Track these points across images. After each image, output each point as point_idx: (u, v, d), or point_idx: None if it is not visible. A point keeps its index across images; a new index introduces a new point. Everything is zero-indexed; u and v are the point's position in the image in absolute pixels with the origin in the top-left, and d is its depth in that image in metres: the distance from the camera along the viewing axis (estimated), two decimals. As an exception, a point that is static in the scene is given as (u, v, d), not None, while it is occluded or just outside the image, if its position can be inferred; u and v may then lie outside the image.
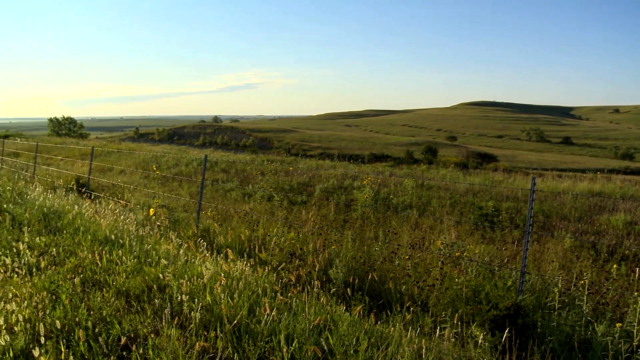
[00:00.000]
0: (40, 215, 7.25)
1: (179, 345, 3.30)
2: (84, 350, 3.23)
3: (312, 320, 3.73)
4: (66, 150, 29.10)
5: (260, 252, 5.74)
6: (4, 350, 3.14)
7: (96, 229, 6.51)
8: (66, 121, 71.85)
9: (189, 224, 7.86)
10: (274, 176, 16.81)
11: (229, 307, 3.88)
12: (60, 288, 4.28)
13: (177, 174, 18.39)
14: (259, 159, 24.24)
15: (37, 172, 15.13)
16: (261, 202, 11.94)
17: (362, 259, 5.77)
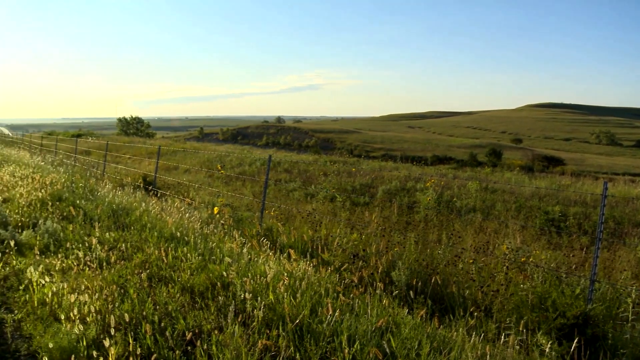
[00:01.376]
0: (110, 211, 8.11)
1: (242, 342, 3.62)
2: (151, 344, 3.67)
3: (374, 322, 3.94)
4: (134, 149, 31.66)
5: (322, 253, 6.09)
6: (78, 338, 3.68)
7: (162, 226, 7.17)
8: (134, 121, 78.01)
9: (253, 223, 8.38)
10: (336, 177, 17.76)
11: (292, 306, 4.18)
12: (129, 282, 4.85)
13: (240, 173, 19.54)
14: (322, 159, 25.16)
15: (107, 170, 16.59)
16: (324, 202, 12.71)
17: (424, 262, 5.96)
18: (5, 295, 4.81)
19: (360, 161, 26.12)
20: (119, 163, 21.57)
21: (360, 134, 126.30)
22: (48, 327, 4.01)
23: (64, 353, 3.54)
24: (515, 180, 18.87)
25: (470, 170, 26.19)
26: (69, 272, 5.25)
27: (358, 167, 19.99)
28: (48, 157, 20.16)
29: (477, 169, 27.07)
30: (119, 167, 18.16)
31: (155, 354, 3.46)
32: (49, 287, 4.58)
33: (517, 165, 39.97)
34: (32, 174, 12.15)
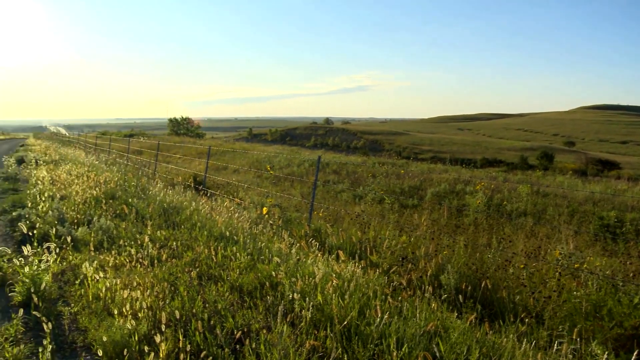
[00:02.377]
0: (161, 210, 8.40)
1: (290, 342, 3.69)
2: (200, 341, 3.79)
3: (423, 326, 3.93)
4: (184, 149, 32.63)
5: (371, 255, 6.16)
6: (130, 333, 3.85)
7: (212, 225, 7.38)
8: (184, 121, 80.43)
9: (301, 224, 8.50)
10: (385, 179, 17.99)
11: (340, 307, 4.22)
12: (179, 280, 5.03)
13: (289, 174, 19.92)
14: (370, 161, 25.36)
15: (158, 169, 17.20)
16: (372, 204, 12.86)
17: (474, 266, 5.92)
18: (63, 289, 5.08)
19: (409, 163, 26.32)
20: (169, 163, 22.30)
21: (409, 135, 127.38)
22: (102, 321, 4.21)
23: (116, 347, 3.71)
24: (568, 184, 18.51)
25: (520, 173, 26.41)
26: (121, 268, 5.49)
27: (407, 169, 20.13)
28: (102, 157, 21.07)
29: (528, 172, 27.23)
30: (169, 167, 18.77)
31: (204, 351, 3.57)
32: (102, 283, 4.81)
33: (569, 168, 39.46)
34: (87, 173, 12.77)
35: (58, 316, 4.46)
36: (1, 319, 4.38)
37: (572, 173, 27.40)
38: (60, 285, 5.16)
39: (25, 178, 14.81)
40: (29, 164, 18.08)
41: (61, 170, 14.33)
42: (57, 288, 5.04)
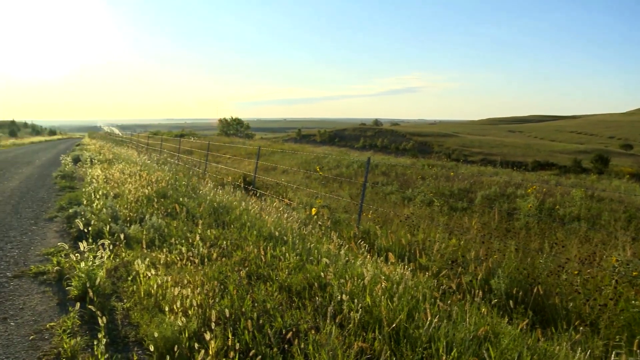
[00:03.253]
0: (211, 209, 8.61)
1: (338, 343, 3.74)
2: (249, 340, 3.87)
3: (473, 331, 3.90)
4: (233, 149, 33.26)
5: (420, 257, 6.19)
6: (181, 330, 3.98)
7: (261, 225, 7.50)
8: (234, 122, 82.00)
9: (350, 225, 8.55)
10: (434, 181, 18.03)
11: (388, 309, 4.24)
12: (228, 279, 5.14)
13: (337, 175, 20.10)
14: (419, 163, 25.29)
15: (208, 169, 17.64)
16: (421, 206, 12.87)
17: (525, 271, 5.83)
18: (116, 284, 5.30)
19: (459, 165, 26.19)
20: (219, 163, 22.81)
21: (459, 137, 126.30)
22: (153, 317, 4.36)
23: (167, 343, 3.84)
24: (625, 188, 18.06)
25: (574, 177, 26.02)
26: (172, 266, 5.66)
27: (456, 172, 20.14)
28: (153, 156, 21.79)
29: (582, 176, 26.92)
30: (219, 167, 19.19)
31: (253, 350, 3.65)
32: (154, 280, 4.98)
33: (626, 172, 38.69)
34: (140, 172, 13.23)
35: (111, 311, 4.65)
36: (59, 312, 4.61)
37: (629, 177, 26.97)
38: (113, 281, 5.37)
39: (81, 176, 15.51)
40: (85, 162, 18.91)
41: (115, 169, 14.91)
42: (110, 284, 5.25)
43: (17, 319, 4.45)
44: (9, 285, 5.28)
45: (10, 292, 5.09)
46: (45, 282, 5.41)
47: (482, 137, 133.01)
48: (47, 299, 4.95)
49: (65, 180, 14.48)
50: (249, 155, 27.88)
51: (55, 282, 5.41)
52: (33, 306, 4.75)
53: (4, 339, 4.04)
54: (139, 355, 3.85)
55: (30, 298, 4.95)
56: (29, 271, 5.72)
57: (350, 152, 40.97)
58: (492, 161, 41.90)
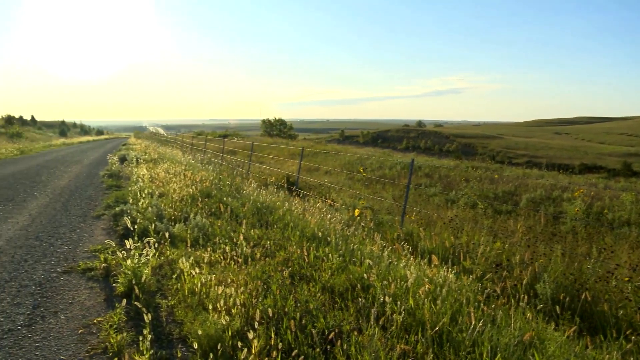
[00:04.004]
0: (254, 209, 8.72)
1: (381, 345, 3.74)
2: (291, 339, 3.90)
3: (518, 336, 3.83)
4: (276, 149, 33.58)
5: (464, 260, 6.13)
6: (224, 328, 4.06)
7: (304, 225, 7.55)
8: (277, 122, 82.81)
9: (393, 227, 8.53)
10: (478, 183, 17.91)
11: (431, 312, 4.22)
12: (271, 279, 5.19)
13: (380, 176, 20.16)
14: (463, 164, 25.02)
15: (251, 169, 17.90)
16: (464, 209, 12.85)
17: (572, 277, 5.69)
18: (161, 282, 5.44)
19: (503, 167, 25.97)
20: (262, 163, 23.09)
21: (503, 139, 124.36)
22: (197, 315, 4.45)
23: (210, 340, 3.91)
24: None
25: (623, 180, 25.40)
26: (216, 265, 5.77)
27: (500, 174, 20.00)
28: (197, 156, 22.22)
29: (632, 180, 26.27)
30: (262, 167, 19.42)
31: (295, 349, 3.68)
32: (198, 278, 5.08)
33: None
34: (184, 171, 13.53)
35: (156, 308, 4.78)
36: (106, 307, 4.77)
37: (683, 181, 25.74)
38: (158, 279, 5.51)
39: (127, 175, 15.97)
40: (131, 162, 19.48)
41: (160, 168, 15.31)
42: (155, 281, 5.39)
43: (67, 312, 4.63)
44: (59, 280, 5.51)
45: (61, 286, 5.30)
46: (92, 278, 5.60)
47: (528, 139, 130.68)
48: (95, 294, 5.12)
49: (111, 179, 14.97)
50: (291, 156, 28.11)
51: (102, 279, 5.59)
52: (81, 301, 4.93)
53: (56, 331, 4.22)
54: (182, 352, 3.94)
55: (79, 293, 5.14)
56: (78, 267, 5.95)
57: (393, 153, 40.88)
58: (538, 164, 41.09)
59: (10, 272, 5.73)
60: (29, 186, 13.23)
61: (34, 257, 6.34)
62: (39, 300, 4.91)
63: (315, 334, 3.92)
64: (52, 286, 5.30)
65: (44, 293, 5.10)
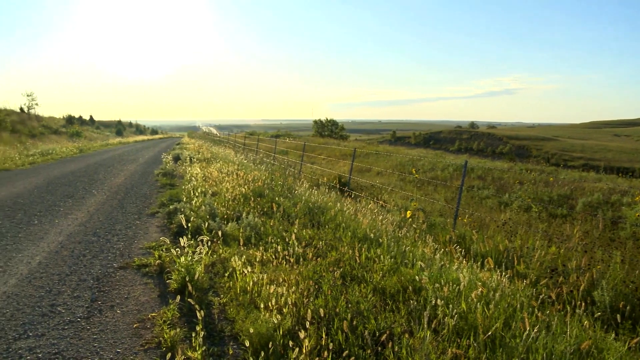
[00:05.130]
0: (306, 209, 8.80)
1: (432, 348, 3.71)
2: (342, 340, 3.92)
3: (574, 344, 3.72)
4: (328, 150, 33.69)
5: (518, 264, 6.04)
6: (275, 327, 4.11)
7: (356, 226, 7.54)
8: (329, 123, 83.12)
9: (445, 229, 8.45)
10: (532, 186, 17.59)
11: (484, 317, 4.16)
12: (323, 279, 5.22)
13: (432, 178, 20.09)
14: (517, 167, 24.69)
15: (303, 170, 18.10)
16: (518, 212, 12.67)
17: (633, 284, 5.47)
18: (213, 280, 5.55)
19: (558, 170, 25.45)
20: (314, 163, 23.23)
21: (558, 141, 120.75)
22: (249, 314, 4.52)
23: (262, 339, 3.96)
24: None
25: None
26: (268, 264, 5.84)
27: (556, 177, 19.65)
28: (250, 156, 22.58)
29: None
30: (314, 167, 19.55)
31: (346, 350, 3.69)
32: (250, 277, 5.17)
33: None
34: (237, 171, 13.78)
35: (208, 305, 4.88)
36: (160, 303, 4.92)
37: None
38: (210, 277, 5.63)
39: (180, 174, 16.40)
40: (184, 161, 19.99)
41: (213, 168, 15.64)
42: (208, 279, 5.51)
43: (123, 307, 4.80)
44: (115, 275, 5.72)
45: (117, 281, 5.50)
46: (147, 274, 5.79)
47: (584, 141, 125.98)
48: (149, 290, 5.29)
49: (166, 177, 15.41)
50: (343, 157, 28.17)
51: (157, 275, 5.77)
52: (136, 296, 5.10)
53: (112, 325, 4.39)
54: (234, 349, 4.02)
55: (134, 288, 5.32)
56: (133, 263, 6.15)
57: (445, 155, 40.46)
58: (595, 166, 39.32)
59: (70, 266, 6.00)
60: (87, 184, 13.82)
61: (91, 253, 6.61)
62: (97, 294, 5.11)
63: (365, 335, 3.92)
64: (109, 281, 5.51)
65: (101, 287, 5.30)
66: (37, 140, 35.73)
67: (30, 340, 4.03)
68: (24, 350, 3.86)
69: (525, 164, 30.48)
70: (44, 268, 5.88)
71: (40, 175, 15.86)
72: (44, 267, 5.93)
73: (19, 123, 40.60)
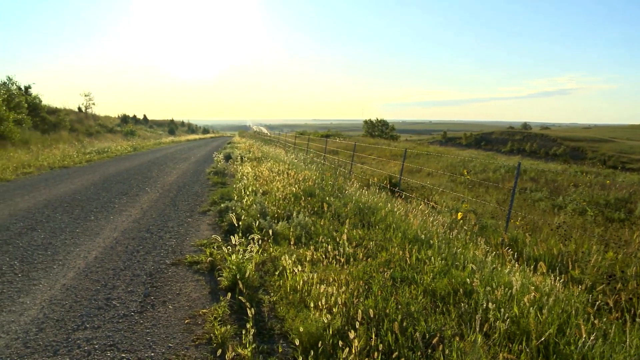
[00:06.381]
0: (356, 209, 8.79)
1: (483, 353, 3.65)
2: (391, 342, 3.89)
3: (634, 355, 3.61)
4: (378, 150, 33.54)
5: (572, 269, 5.88)
6: (325, 327, 4.12)
7: (406, 227, 7.49)
8: (379, 123, 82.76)
9: (497, 232, 8.30)
10: (587, 189, 17.17)
11: (537, 322, 4.07)
12: (373, 279, 5.22)
13: (483, 179, 19.75)
14: (572, 169, 24.10)
15: (353, 170, 18.10)
16: (573, 215, 12.41)
17: None
18: (263, 278, 5.62)
19: (616, 173, 24.34)
20: (364, 163, 23.20)
21: (616, 143, 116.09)
22: (298, 312, 4.56)
23: (311, 338, 3.99)
24: None
25: None
26: (318, 263, 5.87)
27: (613, 180, 18.94)
28: (300, 155, 22.74)
29: None
30: (364, 167, 19.51)
31: (396, 352, 3.67)
32: (300, 276, 5.21)
33: None
34: (287, 170, 13.90)
35: (259, 303, 4.94)
36: (211, 300, 5.02)
37: None
38: (261, 275, 5.70)
39: (231, 173, 16.69)
40: (235, 160, 20.33)
41: (263, 167, 15.83)
42: (258, 277, 5.58)
43: (175, 303, 4.93)
44: (167, 271, 5.88)
45: (169, 278, 5.65)
46: (198, 271, 5.91)
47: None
48: (200, 287, 5.40)
49: (217, 176, 15.72)
50: (393, 157, 28.01)
51: (208, 272, 5.89)
52: (188, 293, 5.22)
53: (164, 320, 4.51)
54: (283, 347, 4.05)
55: (186, 285, 5.45)
56: (185, 260, 6.30)
57: (496, 156, 39.72)
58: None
59: (125, 261, 6.21)
60: (141, 181, 14.26)
61: (145, 249, 6.82)
62: (150, 289, 5.27)
63: (420, 337, 3.88)
64: (161, 277, 5.67)
65: (154, 283, 5.46)
66: (93, 139, 37.17)
67: (88, 332, 4.20)
68: (81, 341, 4.02)
69: (580, 166, 29.56)
70: (99, 263, 6.11)
71: (97, 172, 16.50)
72: (100, 261, 6.16)
73: (76, 122, 42.36)
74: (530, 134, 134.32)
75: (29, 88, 36.54)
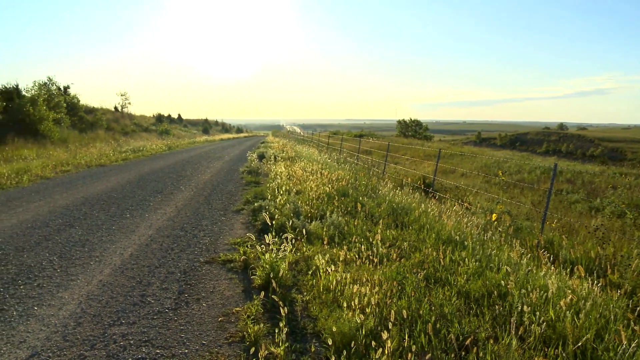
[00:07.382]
0: (390, 210, 8.77)
1: (518, 356, 3.60)
2: (424, 343, 3.88)
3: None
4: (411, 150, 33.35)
5: (611, 273, 5.78)
6: (358, 327, 4.12)
7: (440, 228, 7.44)
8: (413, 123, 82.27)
9: (532, 233, 8.18)
10: (627, 191, 16.88)
11: (574, 326, 3.99)
12: (406, 280, 5.19)
13: (518, 180, 19.50)
14: (610, 170, 23.63)
15: (387, 170, 18.05)
16: (611, 218, 12.16)
17: None
18: (296, 277, 5.65)
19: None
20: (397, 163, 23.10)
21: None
22: (331, 312, 4.57)
23: (344, 338, 3.99)
24: None
25: None
26: (351, 263, 5.88)
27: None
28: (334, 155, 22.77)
29: None
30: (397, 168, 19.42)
31: (429, 353, 3.65)
32: (333, 276, 5.22)
33: None
34: (320, 170, 13.93)
35: (291, 302, 4.97)
36: (244, 298, 5.07)
37: None
38: (294, 274, 5.74)
39: (265, 172, 16.82)
40: (269, 159, 20.47)
41: (297, 166, 15.90)
42: (291, 276, 5.62)
43: (208, 301, 5.00)
44: (201, 269, 5.96)
45: (203, 275, 5.74)
46: (232, 270, 5.98)
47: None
48: (234, 285, 5.47)
49: (250, 175, 15.86)
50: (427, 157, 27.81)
51: (241, 271, 5.95)
52: (221, 291, 5.29)
53: (198, 317, 4.58)
54: (316, 347, 4.07)
55: (219, 283, 5.52)
56: (218, 258, 6.39)
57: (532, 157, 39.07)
58: (700, 172, 36.31)
59: (159, 258, 6.33)
60: (175, 180, 14.51)
61: (179, 247, 6.93)
62: (184, 287, 5.35)
63: (454, 339, 3.85)
64: (195, 274, 5.76)
65: (188, 280, 5.55)
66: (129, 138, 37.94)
67: (123, 327, 4.30)
68: (117, 336, 4.12)
69: (619, 167, 28.83)
70: (135, 260, 6.24)
71: (132, 171, 16.85)
72: (135, 258, 6.30)
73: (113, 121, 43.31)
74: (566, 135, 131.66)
75: (67, 88, 37.58)
